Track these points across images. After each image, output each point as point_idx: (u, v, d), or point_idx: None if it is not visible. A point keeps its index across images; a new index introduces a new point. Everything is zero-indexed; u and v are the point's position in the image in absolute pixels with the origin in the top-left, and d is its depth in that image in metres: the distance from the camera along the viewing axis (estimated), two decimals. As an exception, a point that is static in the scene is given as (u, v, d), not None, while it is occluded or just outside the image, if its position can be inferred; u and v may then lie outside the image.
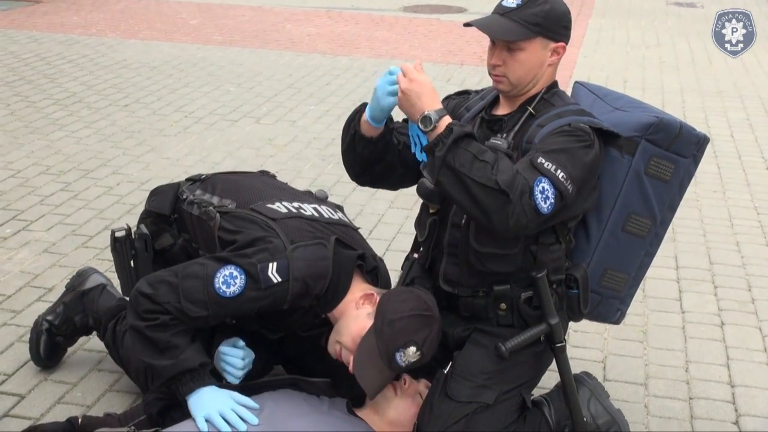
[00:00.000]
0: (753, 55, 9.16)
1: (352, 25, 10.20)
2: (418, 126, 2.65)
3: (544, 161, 2.60)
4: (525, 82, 2.80)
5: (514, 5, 2.75)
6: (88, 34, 9.21)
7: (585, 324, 3.83)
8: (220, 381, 2.85)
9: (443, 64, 8.51)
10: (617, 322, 3.12)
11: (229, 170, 3.44)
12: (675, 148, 2.81)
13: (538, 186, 2.55)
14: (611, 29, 10.37)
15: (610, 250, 2.90)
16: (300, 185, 5.29)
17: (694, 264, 4.54)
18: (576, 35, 9.97)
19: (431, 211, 2.91)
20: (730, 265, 4.54)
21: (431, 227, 2.93)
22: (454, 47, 9.15)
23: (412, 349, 2.69)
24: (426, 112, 2.61)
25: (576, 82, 3.18)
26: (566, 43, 2.84)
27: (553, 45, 2.78)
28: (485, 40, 2.84)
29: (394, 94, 2.69)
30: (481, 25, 2.76)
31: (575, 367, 3.44)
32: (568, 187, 2.61)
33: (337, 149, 5.93)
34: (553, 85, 2.88)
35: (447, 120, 2.62)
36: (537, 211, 2.55)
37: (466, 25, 2.82)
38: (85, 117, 6.55)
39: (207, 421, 2.66)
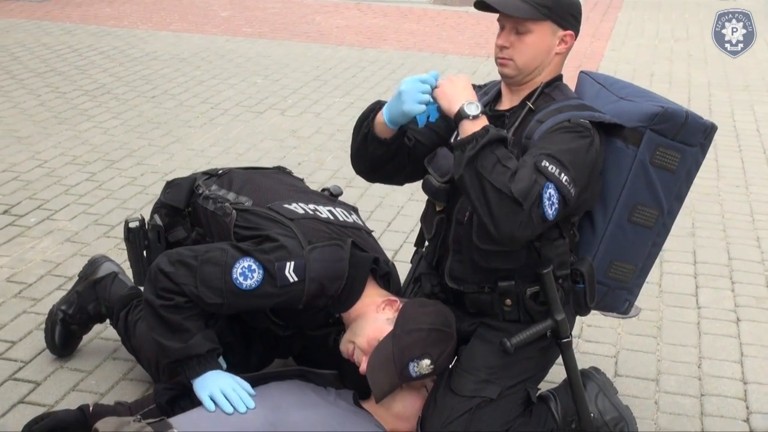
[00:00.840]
0: (782, 49, 9.08)
1: (380, 17, 10.18)
2: (461, 113, 2.60)
3: (548, 165, 2.55)
4: (531, 67, 2.76)
5: None
6: (120, 26, 9.26)
7: (598, 319, 3.83)
8: (227, 366, 2.86)
9: (470, 57, 8.48)
10: (626, 312, 3.07)
11: (245, 166, 3.42)
12: (681, 138, 2.76)
13: (545, 193, 2.52)
14: (641, 22, 10.27)
15: (616, 241, 2.86)
16: (321, 176, 5.34)
17: (712, 259, 4.48)
18: (605, 28, 9.94)
19: (438, 209, 2.90)
20: (749, 261, 4.48)
21: (438, 225, 2.92)
22: (482, 40, 9.10)
23: (427, 361, 2.70)
24: (471, 101, 2.61)
25: (581, 72, 3.12)
26: (575, 34, 2.80)
27: (561, 32, 2.75)
28: None
29: (424, 102, 2.66)
30: (493, 1, 2.70)
31: (587, 362, 3.43)
32: (571, 191, 2.58)
33: (360, 141, 5.95)
34: (557, 78, 2.84)
35: (484, 120, 2.61)
36: (544, 218, 2.53)
37: (477, 3, 2.76)
38: (113, 108, 6.59)
39: (212, 399, 2.68)
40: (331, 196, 3.26)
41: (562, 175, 2.55)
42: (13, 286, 3.99)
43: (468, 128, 2.57)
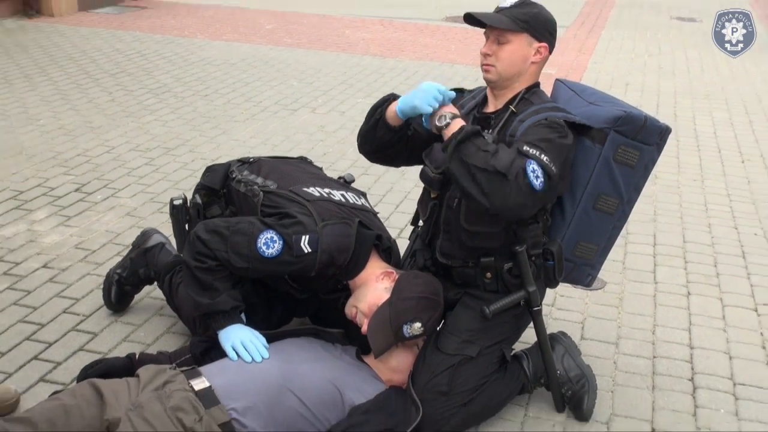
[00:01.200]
0: (740, 63, 8.92)
1: (400, 31, 10.10)
2: (435, 124, 2.67)
3: (528, 149, 2.54)
4: (510, 73, 2.73)
5: (508, 4, 2.74)
6: (182, 35, 9.22)
7: (569, 290, 3.78)
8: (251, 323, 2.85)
9: (474, 66, 8.34)
10: (589, 285, 3.05)
11: (273, 155, 3.40)
12: (640, 138, 2.72)
13: (529, 167, 2.50)
14: (620, 39, 10.13)
15: (582, 225, 2.83)
16: (342, 165, 5.31)
17: (669, 242, 4.42)
18: (589, 44, 9.81)
19: (432, 195, 2.87)
20: (701, 244, 4.42)
21: (432, 209, 2.89)
22: (485, 52, 8.99)
23: (417, 324, 2.69)
24: (443, 112, 2.65)
25: (557, 80, 3.08)
26: (549, 47, 2.76)
27: (537, 44, 2.73)
28: None
29: (433, 106, 2.68)
30: (478, 13, 2.72)
31: (557, 327, 3.41)
32: (553, 168, 2.55)
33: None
34: (534, 85, 2.81)
35: (460, 122, 2.62)
36: (532, 188, 2.49)
37: (466, 16, 2.75)
38: (172, 104, 6.57)
39: (233, 348, 2.68)
40: (344, 183, 3.25)
41: (542, 155, 2.54)
42: (80, 252, 3.99)
43: (448, 132, 2.59)
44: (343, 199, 2.94)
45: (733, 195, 5.16)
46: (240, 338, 2.70)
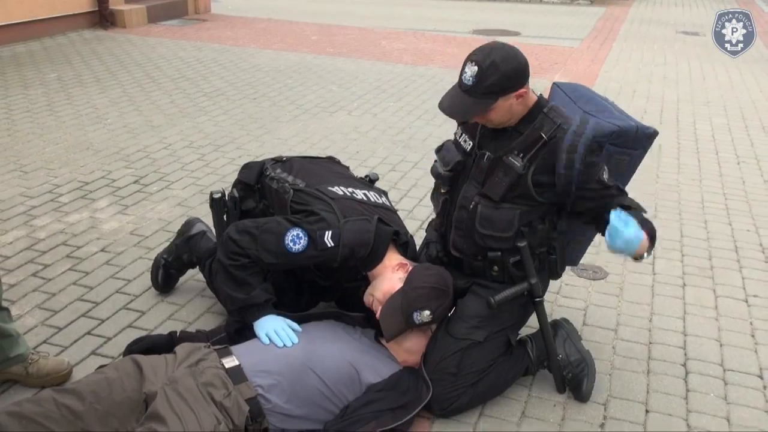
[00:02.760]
0: (738, 73, 8.65)
1: (431, 42, 9.94)
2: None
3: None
4: (504, 123, 2.55)
5: (470, 83, 2.43)
6: (237, 45, 9.17)
7: (574, 279, 3.67)
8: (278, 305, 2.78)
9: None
10: (575, 263, 3.11)
11: (303, 155, 3.31)
12: (631, 145, 2.59)
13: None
14: (629, 51, 9.87)
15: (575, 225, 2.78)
16: (372, 162, 5.21)
17: (668, 236, 4.25)
18: (601, 54, 9.57)
19: (442, 191, 2.75)
20: (697, 239, 4.24)
21: (443, 204, 2.78)
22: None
23: (427, 312, 2.59)
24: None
25: (554, 83, 2.87)
26: (526, 87, 2.48)
27: (513, 94, 2.45)
28: (530, 55, 2.63)
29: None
30: (447, 110, 2.49)
31: (562, 313, 3.29)
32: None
33: (404, 135, 5.80)
34: (535, 106, 2.57)
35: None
36: None
37: (441, 109, 2.52)
38: (224, 106, 6.51)
39: (267, 336, 2.60)
40: (369, 182, 3.16)
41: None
42: (134, 238, 3.94)
43: None
44: (365, 198, 2.86)
45: (729, 194, 4.96)
46: (273, 327, 2.62)
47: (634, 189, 4.86)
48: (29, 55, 8.07)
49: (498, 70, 2.40)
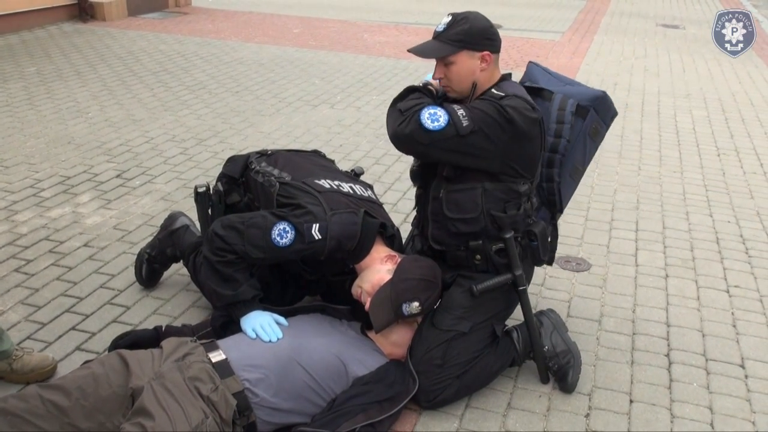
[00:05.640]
0: (718, 65, 8.72)
1: (413, 35, 9.92)
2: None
3: (453, 103, 2.60)
4: (465, 87, 2.63)
5: (441, 29, 2.61)
6: (218, 38, 9.11)
7: (557, 272, 3.69)
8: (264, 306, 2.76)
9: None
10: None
11: (289, 149, 3.30)
12: (604, 118, 2.79)
13: (428, 110, 2.49)
14: (610, 44, 9.92)
15: (566, 190, 2.91)
16: (356, 155, 5.21)
17: (650, 228, 4.29)
18: (582, 47, 9.60)
19: (416, 187, 2.83)
20: (679, 230, 4.28)
21: (418, 199, 2.85)
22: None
23: (416, 304, 2.59)
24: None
25: (530, 62, 3.05)
26: (492, 51, 2.62)
27: (478, 54, 2.58)
28: (512, 48, 2.80)
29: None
30: (417, 50, 2.62)
31: (547, 305, 3.31)
32: (463, 122, 2.48)
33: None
34: (501, 79, 2.68)
35: None
36: (422, 125, 2.46)
37: (409, 50, 2.67)
38: (206, 99, 6.47)
39: (253, 330, 2.59)
40: (354, 176, 3.15)
41: (460, 110, 2.49)
42: (117, 232, 3.92)
43: None
44: (351, 191, 2.85)
45: (710, 186, 5.01)
46: (260, 322, 2.61)
47: (616, 182, 4.93)
48: (8, 48, 7.98)
49: (468, 22, 2.59)
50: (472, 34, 2.57)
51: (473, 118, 2.48)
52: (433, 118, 2.47)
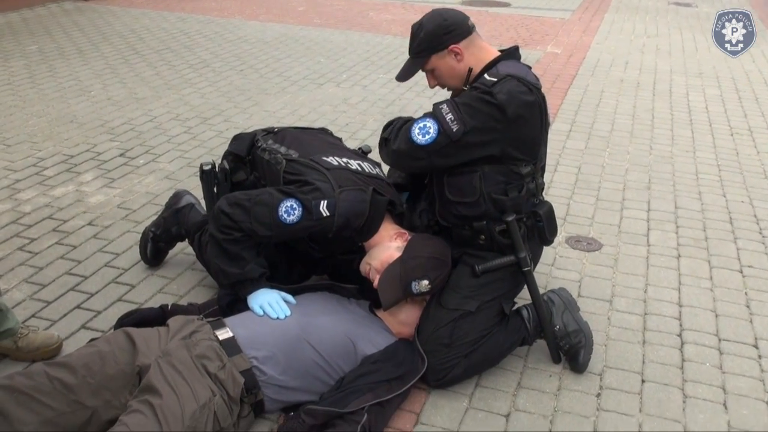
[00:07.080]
0: (732, 45, 8.64)
1: (419, 13, 9.80)
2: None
3: (443, 106, 2.59)
4: (459, 80, 2.70)
5: (409, 45, 2.75)
6: (221, 16, 9.07)
7: (568, 251, 3.69)
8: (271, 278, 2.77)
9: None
10: None
11: (296, 126, 3.29)
12: None
13: (420, 122, 2.56)
14: (621, 22, 9.85)
15: None
16: (363, 134, 5.19)
17: (662, 208, 4.27)
18: (593, 26, 9.54)
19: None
20: (691, 210, 4.27)
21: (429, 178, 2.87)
22: (496, 32, 8.75)
23: (425, 282, 2.59)
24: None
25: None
26: (457, 42, 2.65)
27: (445, 52, 2.65)
28: (521, 27, 2.78)
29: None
30: (398, 76, 2.76)
31: (558, 285, 3.30)
32: (453, 127, 2.52)
33: (395, 108, 5.78)
34: (491, 63, 2.65)
35: None
36: (411, 139, 2.56)
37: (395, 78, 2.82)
38: (210, 78, 6.46)
39: (261, 308, 2.59)
40: (362, 153, 3.14)
41: (449, 114, 2.52)
42: (122, 211, 3.92)
43: None
44: (359, 168, 2.83)
45: (723, 165, 4.99)
46: (267, 300, 2.61)
47: (627, 161, 4.91)
48: (8, 26, 7.96)
49: (422, 29, 2.68)
50: (429, 39, 2.66)
51: (462, 118, 2.51)
52: (423, 131, 2.55)
